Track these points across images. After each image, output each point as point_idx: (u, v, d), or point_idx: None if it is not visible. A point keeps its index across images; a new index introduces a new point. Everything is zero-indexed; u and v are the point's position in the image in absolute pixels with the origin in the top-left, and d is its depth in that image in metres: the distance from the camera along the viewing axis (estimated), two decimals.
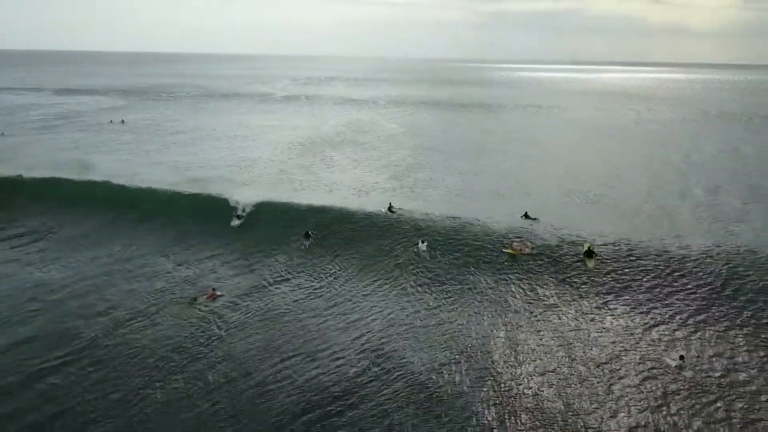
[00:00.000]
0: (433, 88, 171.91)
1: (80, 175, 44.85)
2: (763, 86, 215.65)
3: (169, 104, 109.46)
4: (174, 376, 20.69)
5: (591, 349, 22.09)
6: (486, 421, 18.24)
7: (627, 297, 26.10)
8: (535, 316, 24.92)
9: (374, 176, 48.94)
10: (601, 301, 25.80)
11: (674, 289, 26.52)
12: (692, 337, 22.93)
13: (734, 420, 18.32)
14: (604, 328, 23.72)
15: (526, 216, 36.61)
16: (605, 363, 21.23)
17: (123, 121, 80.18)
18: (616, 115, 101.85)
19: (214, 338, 23.46)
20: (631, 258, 29.01)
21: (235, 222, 37.67)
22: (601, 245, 30.20)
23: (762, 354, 21.71)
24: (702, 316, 24.39)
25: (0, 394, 19.68)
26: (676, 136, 74.53)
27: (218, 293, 27.97)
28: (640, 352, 21.97)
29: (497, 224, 34.36)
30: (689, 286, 26.64)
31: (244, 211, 38.37)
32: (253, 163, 53.09)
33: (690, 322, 24.05)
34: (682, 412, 18.62)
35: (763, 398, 19.31)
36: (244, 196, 39.76)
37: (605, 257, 29.09)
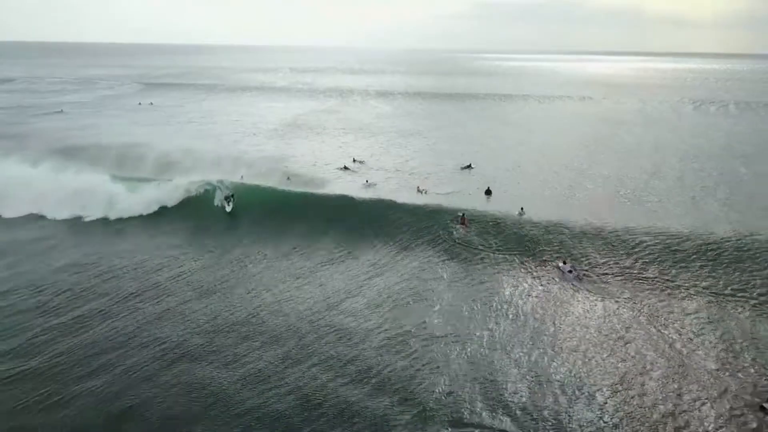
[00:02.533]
0: (435, 78, 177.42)
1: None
2: (743, 75, 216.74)
3: (184, 90, 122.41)
4: None
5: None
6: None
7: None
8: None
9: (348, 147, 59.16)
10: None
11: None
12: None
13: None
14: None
15: (468, 167, 49.23)
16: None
17: (152, 104, 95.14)
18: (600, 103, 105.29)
19: None
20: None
21: (224, 204, 37.88)
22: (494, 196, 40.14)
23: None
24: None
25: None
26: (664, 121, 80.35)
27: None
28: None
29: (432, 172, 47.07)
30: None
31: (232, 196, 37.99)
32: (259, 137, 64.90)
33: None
34: None
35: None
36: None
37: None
